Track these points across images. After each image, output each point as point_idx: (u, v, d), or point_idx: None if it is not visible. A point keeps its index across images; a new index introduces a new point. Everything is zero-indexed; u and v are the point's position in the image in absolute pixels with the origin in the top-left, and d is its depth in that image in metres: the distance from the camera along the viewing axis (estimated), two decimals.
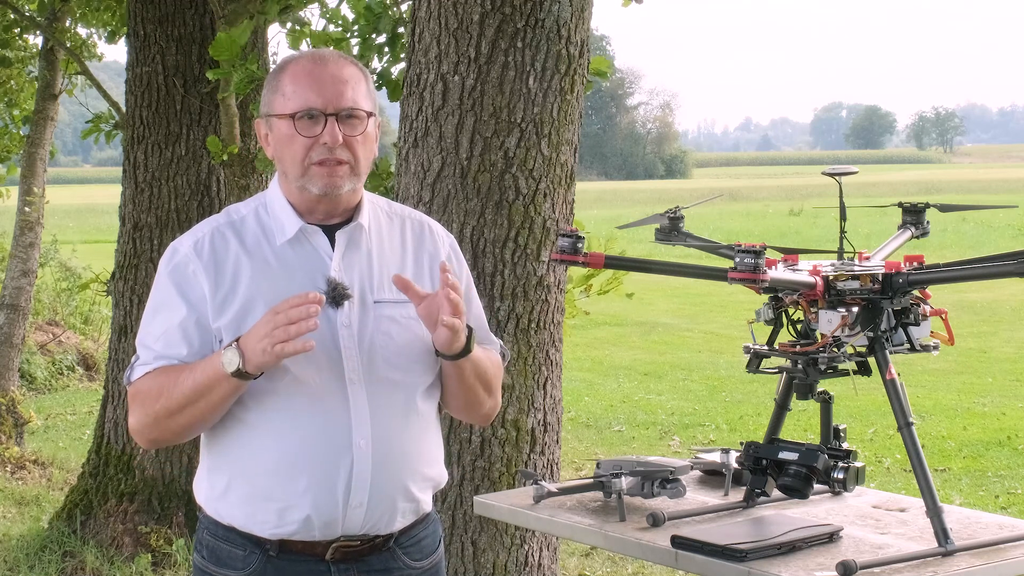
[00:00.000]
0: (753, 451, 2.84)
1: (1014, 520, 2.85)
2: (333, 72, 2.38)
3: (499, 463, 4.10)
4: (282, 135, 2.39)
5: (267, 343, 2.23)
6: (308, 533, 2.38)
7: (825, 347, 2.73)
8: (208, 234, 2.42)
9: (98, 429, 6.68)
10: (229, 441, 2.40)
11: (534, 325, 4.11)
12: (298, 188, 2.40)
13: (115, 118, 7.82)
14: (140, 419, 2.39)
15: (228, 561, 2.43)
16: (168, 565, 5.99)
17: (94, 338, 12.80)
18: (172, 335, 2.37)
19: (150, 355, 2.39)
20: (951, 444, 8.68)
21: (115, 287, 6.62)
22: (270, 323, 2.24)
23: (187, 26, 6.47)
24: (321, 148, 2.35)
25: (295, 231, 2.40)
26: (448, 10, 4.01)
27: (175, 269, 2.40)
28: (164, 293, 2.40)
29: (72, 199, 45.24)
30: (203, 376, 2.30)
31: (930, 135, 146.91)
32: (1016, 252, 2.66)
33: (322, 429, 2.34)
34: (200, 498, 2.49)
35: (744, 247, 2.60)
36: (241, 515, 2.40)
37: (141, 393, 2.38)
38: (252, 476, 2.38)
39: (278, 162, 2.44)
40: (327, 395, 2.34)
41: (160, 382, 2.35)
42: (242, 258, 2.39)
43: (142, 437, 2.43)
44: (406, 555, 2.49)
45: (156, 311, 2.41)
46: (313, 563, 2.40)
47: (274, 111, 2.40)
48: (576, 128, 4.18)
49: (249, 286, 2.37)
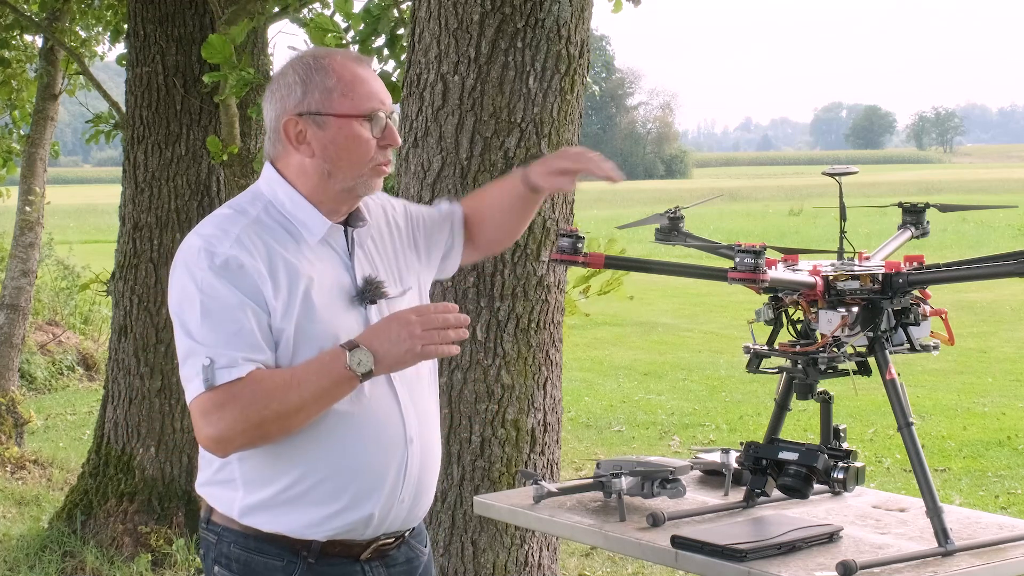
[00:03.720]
0: (753, 451, 2.84)
1: (1014, 520, 2.85)
2: (374, 74, 2.41)
3: (499, 463, 4.10)
4: (347, 135, 2.35)
5: (414, 344, 2.25)
6: (360, 532, 2.38)
7: (825, 347, 2.73)
8: (242, 233, 2.32)
9: (98, 429, 6.67)
10: (282, 448, 2.32)
11: (534, 325, 4.11)
12: (344, 189, 2.38)
13: (115, 118, 7.83)
14: (235, 424, 2.25)
15: (265, 573, 2.37)
16: (168, 565, 5.99)
17: (94, 338, 12.79)
18: (249, 336, 2.26)
19: (231, 357, 2.24)
20: (951, 444, 8.68)
21: (115, 287, 6.62)
22: (412, 325, 2.25)
23: (187, 26, 6.47)
24: (385, 151, 2.39)
25: (325, 230, 2.38)
26: (448, 10, 4.01)
27: (225, 268, 2.28)
28: (220, 293, 2.27)
29: (72, 199, 45.21)
30: (327, 379, 2.25)
31: (930, 135, 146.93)
32: (1016, 252, 2.66)
33: (383, 429, 2.36)
34: (227, 509, 2.39)
35: (744, 247, 2.60)
36: (289, 522, 2.35)
37: (239, 398, 2.24)
38: (311, 481, 2.34)
39: (332, 162, 2.37)
40: (381, 395, 2.36)
41: (267, 387, 2.24)
42: (282, 256, 2.33)
43: (232, 444, 2.29)
44: (417, 543, 2.55)
45: (212, 313, 2.27)
46: (348, 565, 2.41)
47: (334, 109, 2.34)
48: (576, 128, 4.18)
49: (302, 287, 2.31)
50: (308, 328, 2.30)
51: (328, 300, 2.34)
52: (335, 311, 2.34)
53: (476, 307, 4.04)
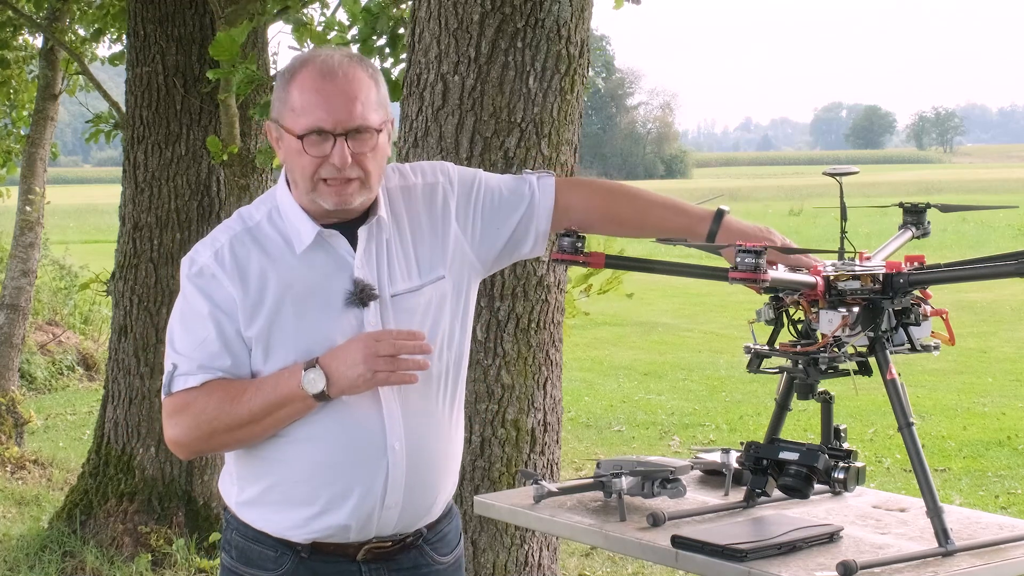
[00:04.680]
0: (753, 451, 2.84)
1: (1014, 520, 2.84)
2: (342, 87, 2.30)
3: (499, 463, 4.10)
4: (291, 149, 2.33)
5: (365, 370, 2.23)
6: (343, 537, 2.38)
7: (826, 347, 2.73)
8: (227, 243, 2.36)
9: (98, 429, 6.68)
10: (263, 449, 2.36)
11: (534, 325, 4.11)
12: (309, 200, 2.37)
13: (115, 118, 7.83)
14: (189, 432, 2.33)
15: (259, 562, 2.41)
16: (168, 565, 6.00)
17: (94, 338, 12.79)
18: (211, 345, 2.31)
19: (191, 365, 2.31)
20: (951, 444, 8.68)
21: (115, 287, 6.62)
22: (369, 349, 2.24)
23: (187, 26, 6.48)
24: (329, 167, 2.30)
25: (312, 237, 2.36)
26: (448, 10, 4.01)
27: (198, 276, 2.34)
28: (193, 301, 2.35)
29: (72, 199, 45.21)
30: (276, 395, 2.28)
31: (930, 135, 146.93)
32: (1016, 252, 2.65)
33: (357, 435, 2.34)
34: (230, 502, 2.47)
35: (745, 247, 2.60)
36: (274, 522, 2.39)
37: (192, 406, 2.31)
38: (288, 484, 2.36)
39: (288, 171, 2.39)
40: (360, 400, 2.33)
41: (218, 397, 2.30)
42: (266, 266, 2.35)
43: (186, 450, 2.38)
44: (433, 551, 2.52)
45: (186, 320, 2.35)
46: (344, 563, 2.41)
47: (284, 123, 2.34)
48: (576, 128, 4.18)
49: (276, 294, 2.33)
50: (278, 335, 2.31)
51: (312, 306, 2.33)
52: (322, 316, 2.33)
53: (476, 307, 4.02)
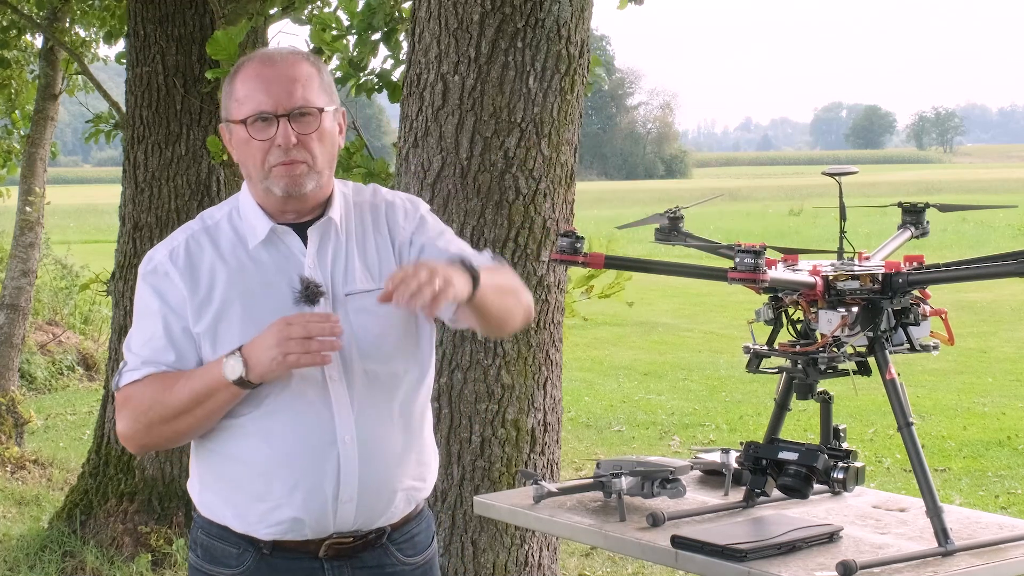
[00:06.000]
0: (753, 451, 2.84)
1: (1014, 520, 2.85)
2: (282, 71, 2.36)
3: (499, 463, 4.10)
4: (239, 140, 2.39)
5: (277, 353, 2.24)
6: (299, 532, 2.39)
7: (825, 347, 2.73)
8: (183, 242, 2.43)
9: (98, 429, 6.67)
10: (216, 443, 2.41)
11: (534, 325, 4.11)
12: (263, 191, 2.41)
13: (115, 118, 7.83)
14: (130, 425, 2.41)
15: (222, 559, 2.44)
16: (168, 565, 5.99)
17: (94, 338, 12.79)
18: (157, 341, 2.38)
19: (137, 360, 2.39)
20: (951, 444, 8.68)
21: (115, 287, 6.62)
22: (281, 333, 2.24)
23: (187, 26, 6.47)
24: (276, 151, 2.35)
25: (266, 233, 2.41)
26: (448, 10, 4.01)
27: (152, 274, 2.43)
28: (145, 299, 2.43)
29: (72, 199, 45.21)
30: (201, 384, 2.31)
31: (930, 135, 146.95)
32: (1016, 252, 2.66)
33: (306, 428, 2.35)
34: (194, 498, 2.52)
35: (744, 247, 2.60)
36: (232, 516, 2.42)
37: (132, 399, 2.39)
38: (240, 478, 2.40)
39: (241, 166, 2.45)
40: (309, 394, 2.35)
41: (153, 389, 2.36)
42: (217, 263, 2.40)
43: (132, 443, 2.45)
44: (399, 551, 2.50)
45: (139, 317, 2.44)
46: (307, 560, 2.41)
47: (230, 117, 2.41)
48: (576, 128, 4.18)
49: (225, 291, 2.37)
50: (226, 330, 2.34)
51: (261, 302, 2.35)
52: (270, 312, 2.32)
53: None
